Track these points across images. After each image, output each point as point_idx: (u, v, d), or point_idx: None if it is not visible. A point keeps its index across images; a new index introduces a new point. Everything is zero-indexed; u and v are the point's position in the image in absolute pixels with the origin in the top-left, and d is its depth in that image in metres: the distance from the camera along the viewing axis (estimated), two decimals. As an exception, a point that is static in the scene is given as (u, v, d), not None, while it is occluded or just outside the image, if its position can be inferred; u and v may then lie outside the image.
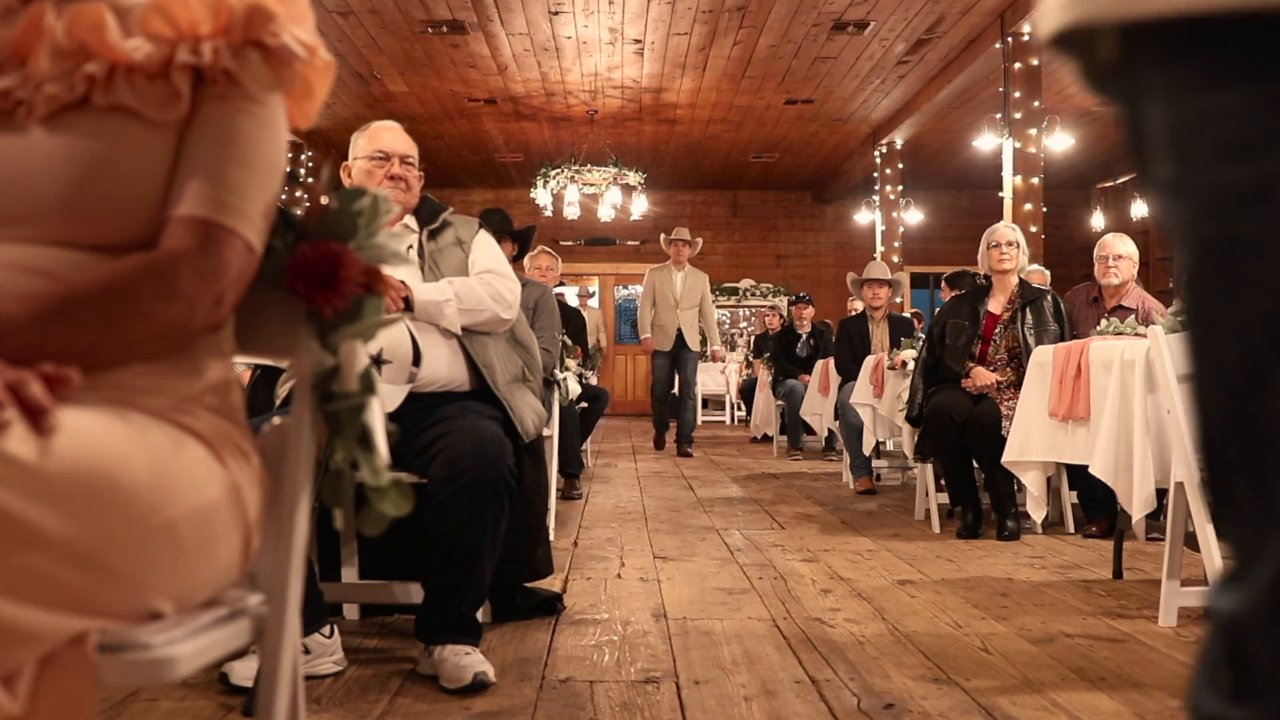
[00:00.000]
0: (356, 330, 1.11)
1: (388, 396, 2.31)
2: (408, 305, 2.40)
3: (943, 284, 8.47)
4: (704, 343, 8.88)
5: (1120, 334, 3.45)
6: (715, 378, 12.78)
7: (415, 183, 2.60)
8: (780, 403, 8.68)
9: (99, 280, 0.96)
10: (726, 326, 14.63)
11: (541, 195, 11.02)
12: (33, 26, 1.04)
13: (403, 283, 2.42)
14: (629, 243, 14.57)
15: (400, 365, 2.38)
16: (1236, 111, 0.61)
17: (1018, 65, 7.71)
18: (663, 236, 8.64)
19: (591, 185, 10.92)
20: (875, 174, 11.45)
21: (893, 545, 4.14)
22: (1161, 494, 2.86)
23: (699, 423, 8.23)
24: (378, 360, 2.32)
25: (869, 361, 5.71)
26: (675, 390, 8.69)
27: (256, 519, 1.07)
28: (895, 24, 7.94)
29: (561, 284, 7.91)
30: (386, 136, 2.59)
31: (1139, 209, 12.36)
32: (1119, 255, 4.64)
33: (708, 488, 6.18)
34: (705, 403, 13.18)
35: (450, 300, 2.45)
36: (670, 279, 8.33)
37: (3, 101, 1.01)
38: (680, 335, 8.28)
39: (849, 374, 6.09)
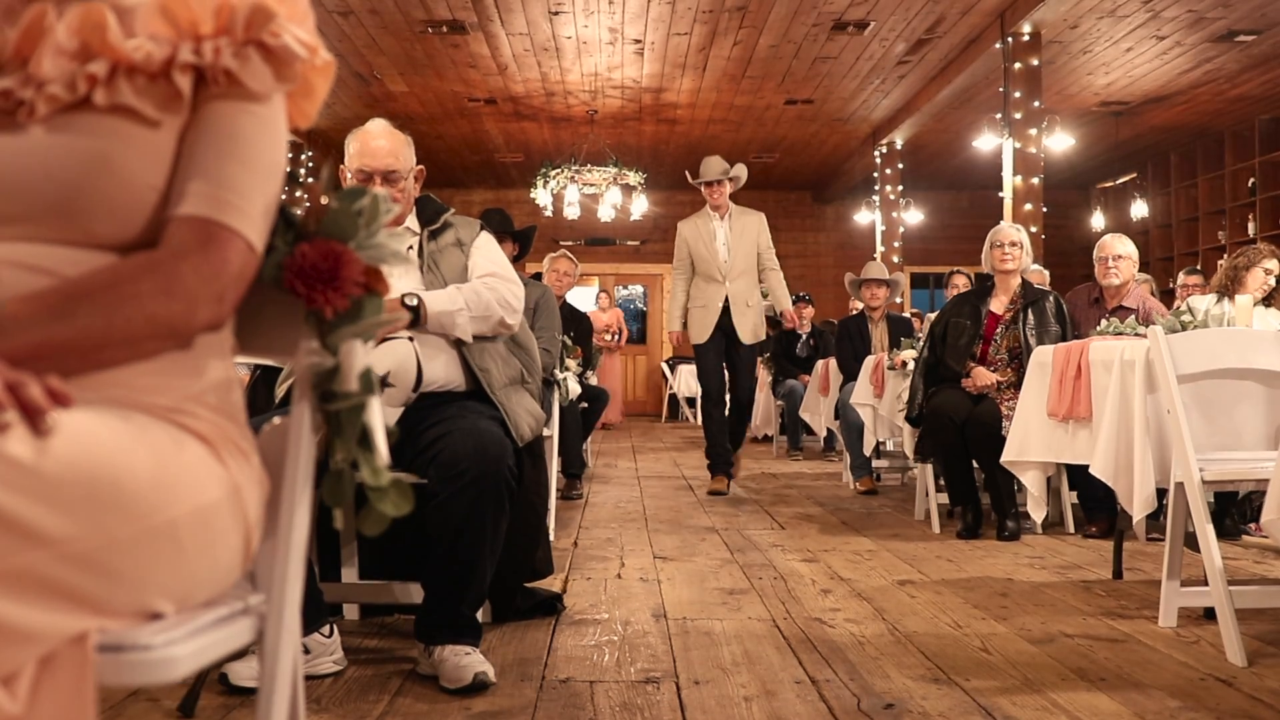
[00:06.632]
0: (356, 330, 1.11)
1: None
2: (418, 318, 2.39)
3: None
4: (773, 321, 6.25)
5: (1120, 334, 3.45)
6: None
7: (401, 196, 2.51)
8: (780, 403, 8.67)
9: (100, 279, 0.96)
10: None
11: (541, 195, 11.01)
12: (34, 26, 1.03)
13: (416, 295, 2.39)
14: (629, 243, 14.56)
15: (402, 389, 2.40)
16: None
17: (1018, 65, 7.71)
18: (686, 175, 6.03)
19: (591, 185, 10.90)
20: (875, 174, 11.44)
21: (893, 545, 4.14)
22: (1162, 494, 2.85)
23: (746, 437, 6.25)
24: (384, 382, 2.31)
25: (869, 361, 5.71)
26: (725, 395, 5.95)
27: (256, 519, 1.07)
28: (895, 24, 7.93)
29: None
30: (372, 149, 2.49)
31: (1139, 209, 12.34)
32: (1118, 255, 4.65)
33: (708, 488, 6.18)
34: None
35: (462, 310, 2.43)
36: (709, 230, 5.67)
37: (4, 102, 1.01)
38: (727, 315, 5.56)
39: (851, 373, 6.09)
